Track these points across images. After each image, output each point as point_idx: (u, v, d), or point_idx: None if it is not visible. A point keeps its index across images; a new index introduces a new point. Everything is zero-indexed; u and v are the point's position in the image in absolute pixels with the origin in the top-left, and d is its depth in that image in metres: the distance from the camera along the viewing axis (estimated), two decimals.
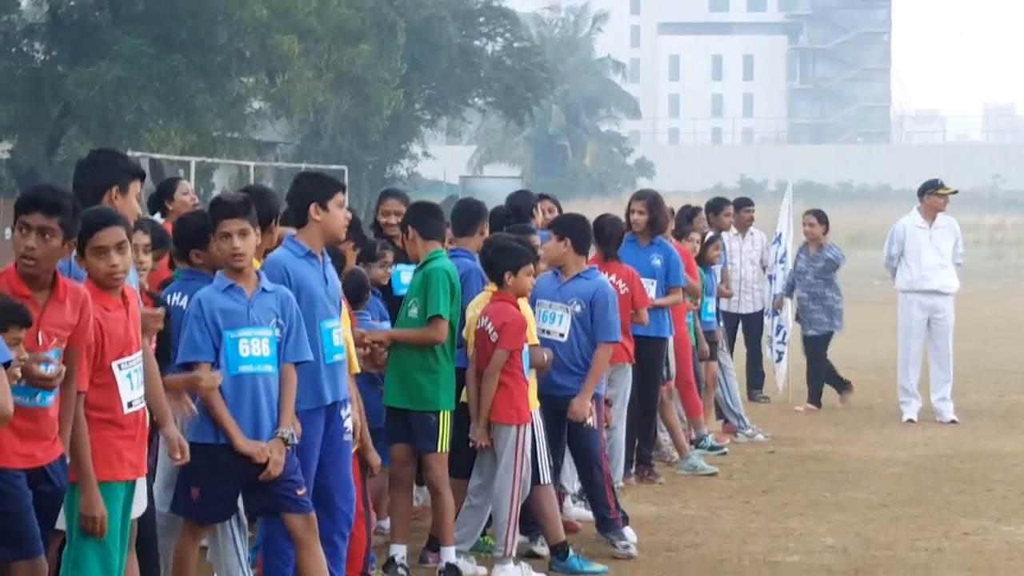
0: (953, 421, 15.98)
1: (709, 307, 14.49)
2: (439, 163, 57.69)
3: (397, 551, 9.10)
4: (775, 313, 16.73)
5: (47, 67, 34.05)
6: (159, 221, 9.53)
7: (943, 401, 16.22)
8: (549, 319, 10.08)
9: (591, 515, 10.34)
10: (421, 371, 8.95)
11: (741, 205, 16.76)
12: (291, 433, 7.48)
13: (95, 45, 32.72)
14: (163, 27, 32.64)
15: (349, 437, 8.06)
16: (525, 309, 9.48)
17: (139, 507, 6.79)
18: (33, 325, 6.04)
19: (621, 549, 9.93)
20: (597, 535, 10.15)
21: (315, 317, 7.80)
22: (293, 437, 7.49)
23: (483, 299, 9.44)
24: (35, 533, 6.12)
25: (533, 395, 9.54)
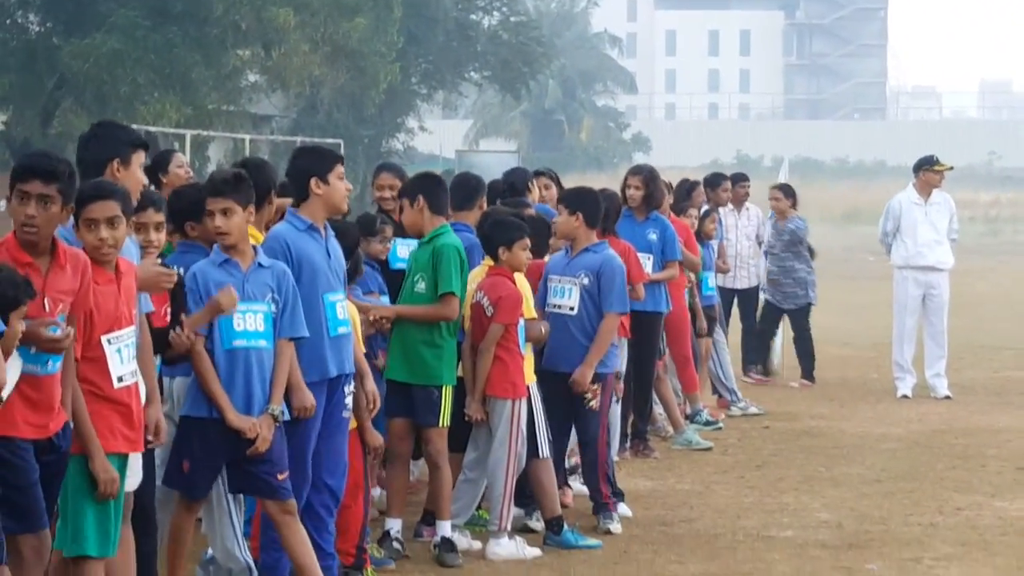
0: (948, 397, 16.01)
1: (709, 282, 14.49)
2: (435, 137, 57.59)
3: (392, 525, 9.10)
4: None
5: (42, 39, 33.91)
6: None
7: (938, 377, 16.24)
8: (559, 293, 10.08)
9: (587, 490, 10.36)
10: (426, 346, 8.95)
11: (737, 180, 16.73)
12: (281, 410, 7.47)
13: (90, 17, 32.58)
14: None
15: (348, 413, 8.06)
16: (521, 283, 9.48)
17: (134, 480, 6.79)
18: (39, 290, 6.05)
19: (602, 523, 9.94)
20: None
21: (317, 290, 7.80)
22: (284, 414, 7.49)
23: (479, 273, 9.44)
24: (41, 506, 6.13)
25: (530, 369, 9.56)
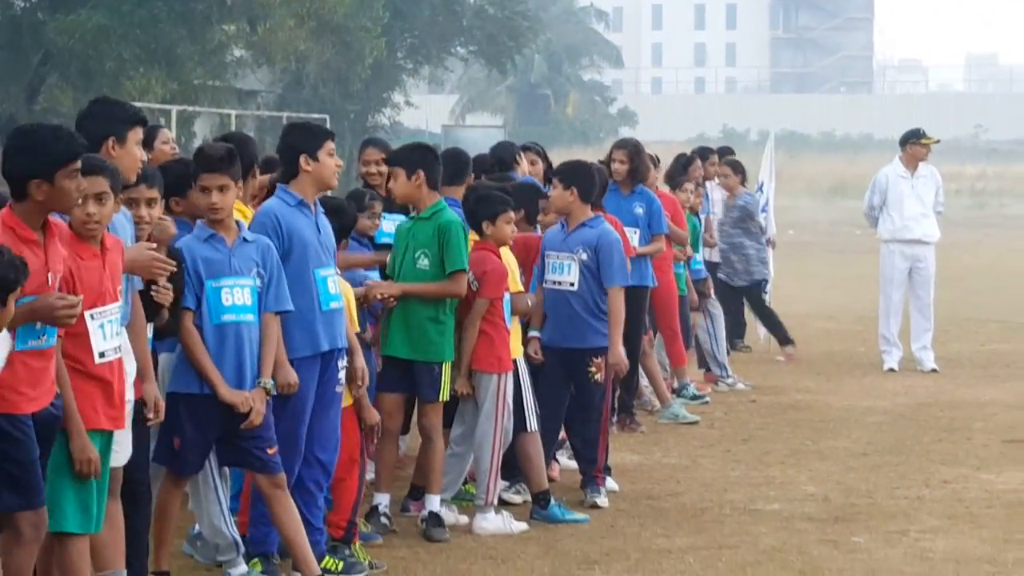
0: (934, 370, 16.03)
1: (697, 256, 14.51)
2: (421, 112, 57.57)
3: (381, 500, 9.11)
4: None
5: (27, 15, 33.81)
6: None
7: (924, 350, 16.26)
8: (557, 270, 10.07)
9: (574, 464, 10.37)
10: (431, 322, 8.94)
11: (723, 155, 16.73)
12: (272, 383, 7.49)
13: None
14: None
15: (341, 388, 8.07)
16: (507, 257, 9.48)
17: (122, 456, 6.79)
18: (43, 265, 6.10)
19: (589, 497, 9.95)
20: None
21: (308, 265, 7.82)
22: (274, 387, 7.50)
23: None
24: (40, 482, 6.14)
25: (517, 343, 9.56)
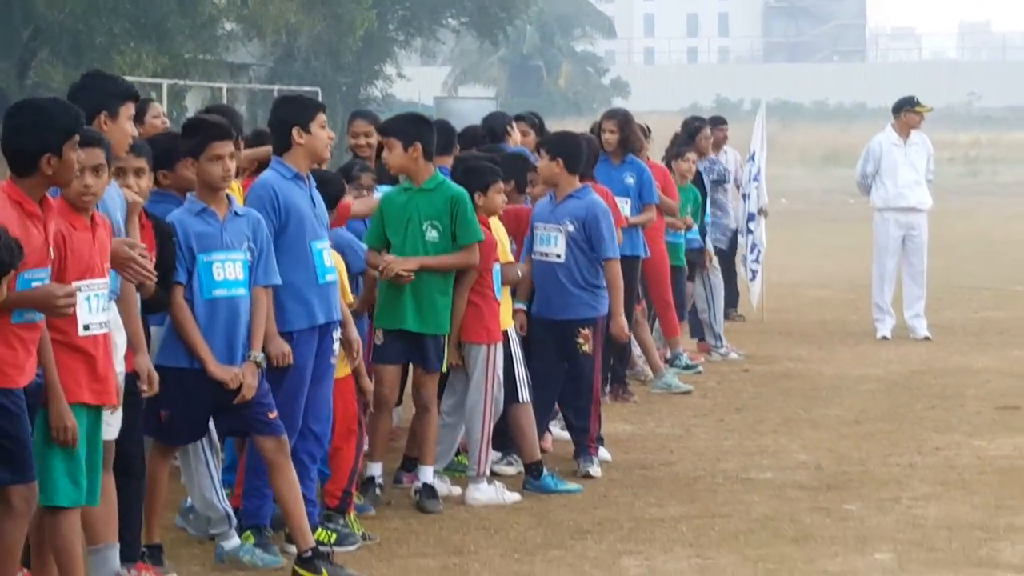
0: (927, 338, 16.04)
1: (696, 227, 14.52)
2: (413, 84, 57.35)
3: (375, 470, 9.11)
4: (749, 231, 16.73)
5: None
6: None
7: (917, 318, 16.27)
8: (545, 241, 10.07)
9: (567, 435, 10.37)
10: (440, 295, 8.95)
11: (715, 124, 16.71)
12: (263, 356, 7.48)
13: None
14: None
15: (335, 360, 8.08)
16: (496, 227, 9.47)
17: (113, 429, 6.79)
18: (44, 240, 6.14)
19: (582, 467, 9.96)
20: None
21: (305, 238, 7.83)
22: (265, 360, 7.50)
23: None
24: (31, 456, 6.15)
25: (507, 314, 9.56)
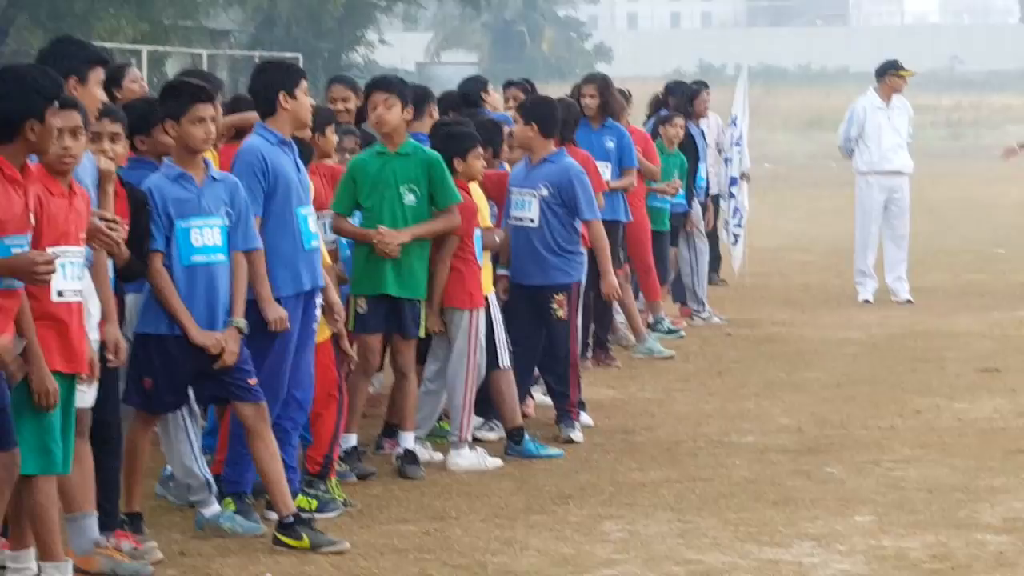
0: (908, 301, 16.06)
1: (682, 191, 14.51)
2: (395, 50, 57.20)
3: (351, 440, 9.06)
4: (731, 196, 16.71)
5: None
6: None
7: (899, 281, 16.28)
8: (520, 206, 10.05)
9: (549, 401, 10.37)
10: (418, 260, 8.95)
11: (698, 90, 16.65)
12: (245, 323, 7.45)
13: None
14: None
15: (317, 325, 8.06)
16: (476, 193, 9.45)
17: (88, 397, 6.76)
18: (24, 207, 6.11)
19: (563, 432, 9.96)
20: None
21: (291, 204, 7.82)
22: (247, 327, 7.46)
23: None
24: (11, 424, 6.14)
25: (488, 279, 9.54)
